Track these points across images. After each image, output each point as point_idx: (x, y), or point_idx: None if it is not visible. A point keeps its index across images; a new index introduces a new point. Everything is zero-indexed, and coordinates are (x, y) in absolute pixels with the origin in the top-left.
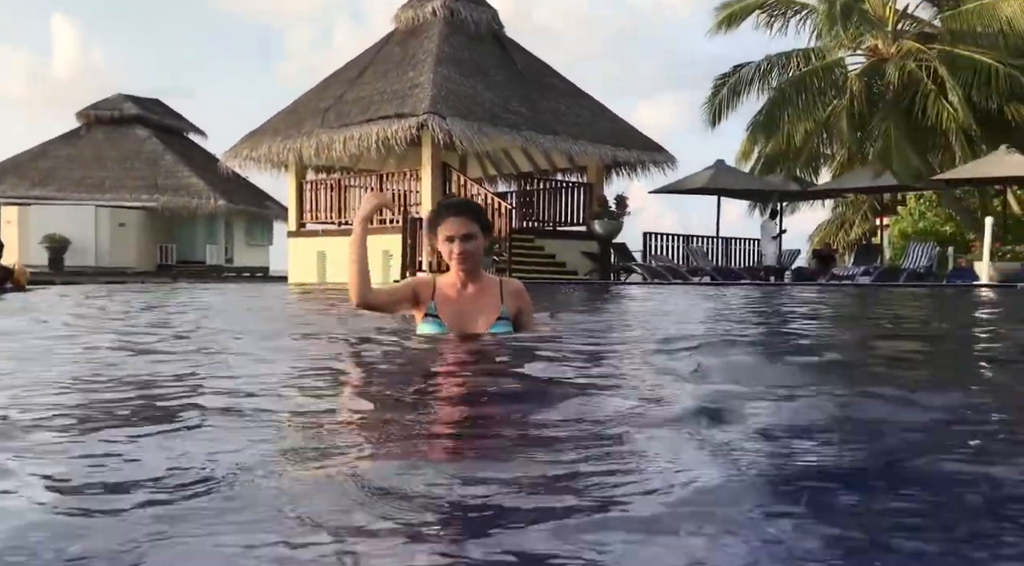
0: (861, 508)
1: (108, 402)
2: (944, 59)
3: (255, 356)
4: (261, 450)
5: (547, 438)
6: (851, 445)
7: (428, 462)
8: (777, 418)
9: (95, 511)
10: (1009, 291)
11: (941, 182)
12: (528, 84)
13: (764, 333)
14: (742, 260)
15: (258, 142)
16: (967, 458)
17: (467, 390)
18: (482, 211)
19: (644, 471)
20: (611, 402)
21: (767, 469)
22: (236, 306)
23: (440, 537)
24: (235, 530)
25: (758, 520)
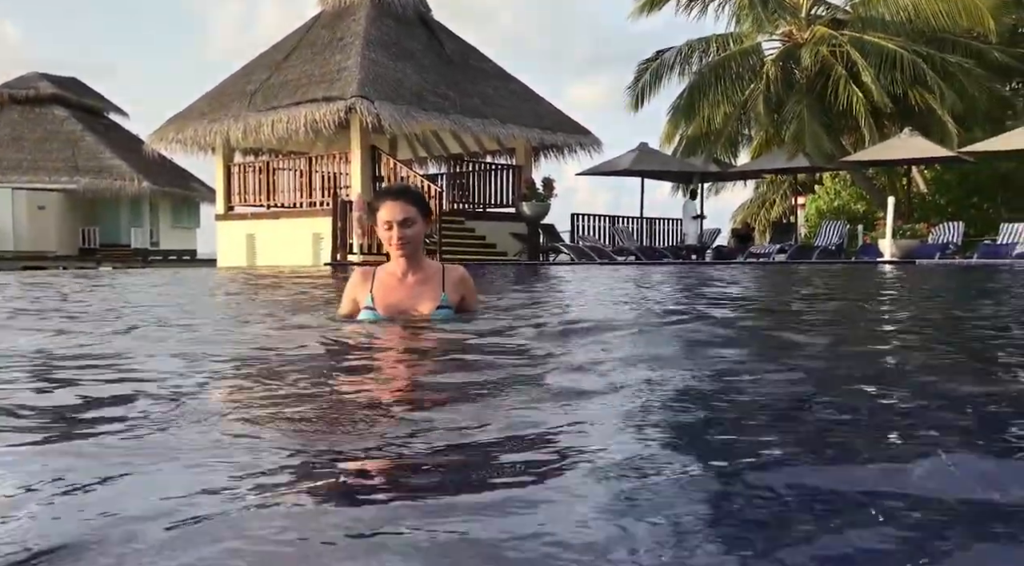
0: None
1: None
2: (854, 45)
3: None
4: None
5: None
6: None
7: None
8: (672, 386)
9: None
10: (905, 266)
11: (850, 163)
12: (456, 68)
13: (673, 310)
14: (666, 240)
15: (184, 125)
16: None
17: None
18: (421, 196)
19: (558, 443)
20: (531, 378)
21: (675, 437)
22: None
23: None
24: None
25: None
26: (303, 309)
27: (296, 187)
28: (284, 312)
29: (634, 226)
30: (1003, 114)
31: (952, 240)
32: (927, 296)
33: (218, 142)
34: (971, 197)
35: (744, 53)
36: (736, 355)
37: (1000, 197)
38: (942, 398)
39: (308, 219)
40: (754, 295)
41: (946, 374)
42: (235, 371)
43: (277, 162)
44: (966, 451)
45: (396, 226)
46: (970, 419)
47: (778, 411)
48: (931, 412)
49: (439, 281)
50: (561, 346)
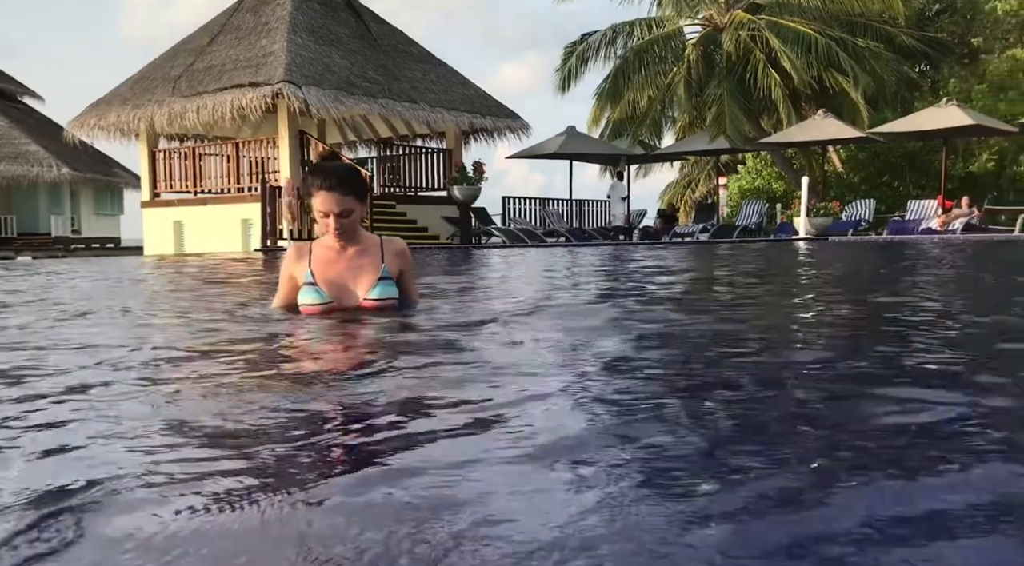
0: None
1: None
2: (772, 29)
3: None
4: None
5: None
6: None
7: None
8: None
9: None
10: (817, 243)
11: (768, 144)
12: (384, 52)
13: (599, 290)
14: (595, 221)
15: (106, 110)
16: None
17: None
18: (357, 179)
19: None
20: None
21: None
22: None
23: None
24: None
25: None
26: (245, 300)
27: (224, 173)
28: (230, 303)
29: (564, 208)
30: (911, 95)
31: (864, 217)
32: (809, 267)
33: (142, 128)
34: (882, 175)
35: (666, 37)
36: (653, 329)
37: (908, 175)
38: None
39: (236, 205)
40: (671, 272)
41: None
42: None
43: (203, 148)
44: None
45: (334, 217)
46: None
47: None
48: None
49: (378, 253)
50: (494, 330)
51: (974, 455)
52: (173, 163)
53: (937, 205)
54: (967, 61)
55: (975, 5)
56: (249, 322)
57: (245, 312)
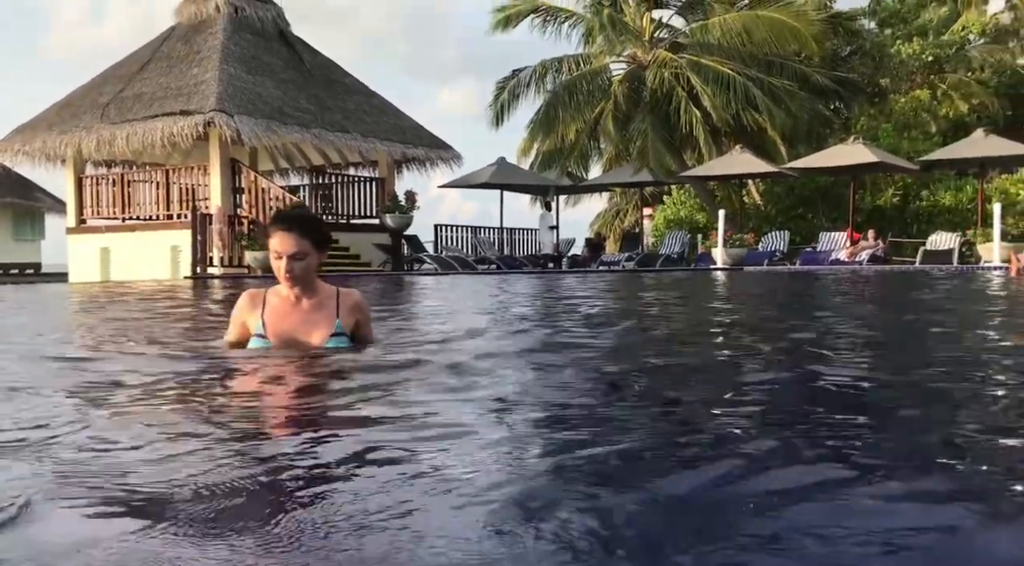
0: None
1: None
2: (692, 68)
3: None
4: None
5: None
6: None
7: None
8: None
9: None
10: (731, 273)
11: (689, 177)
12: (317, 82)
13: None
14: (525, 249)
15: (31, 136)
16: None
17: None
18: (318, 225)
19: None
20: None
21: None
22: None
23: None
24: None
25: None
26: (192, 334)
27: (153, 199)
28: (172, 335)
29: (495, 236)
30: (825, 132)
31: (779, 248)
32: (707, 295)
33: (69, 154)
34: (797, 208)
35: (594, 73)
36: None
37: (821, 208)
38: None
39: (166, 232)
40: (593, 300)
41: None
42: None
43: (132, 174)
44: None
45: (286, 258)
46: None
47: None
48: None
49: (333, 307)
50: (434, 364)
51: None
52: (101, 189)
53: (846, 237)
54: (876, 100)
55: (882, 48)
56: (198, 358)
57: (194, 346)
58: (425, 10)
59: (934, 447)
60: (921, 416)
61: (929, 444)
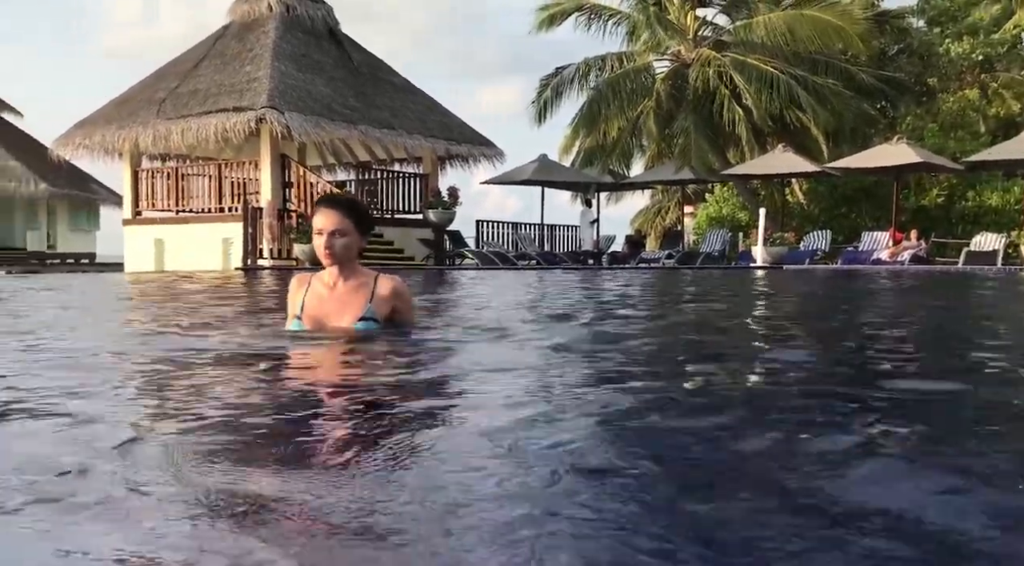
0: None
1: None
2: (736, 66)
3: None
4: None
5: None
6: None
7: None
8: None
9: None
10: (772, 271)
11: (730, 176)
12: (364, 79)
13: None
14: (565, 245)
15: (91, 130)
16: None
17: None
18: (360, 208)
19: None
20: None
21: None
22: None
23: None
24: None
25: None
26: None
27: (206, 193)
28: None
29: (535, 232)
30: (869, 131)
31: (820, 247)
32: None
33: (126, 148)
34: (840, 207)
35: (637, 71)
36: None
37: (864, 207)
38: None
39: (218, 224)
40: (630, 295)
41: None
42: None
43: (186, 168)
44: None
45: (325, 235)
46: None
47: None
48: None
49: (368, 293)
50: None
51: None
52: (156, 182)
53: (889, 237)
54: (924, 99)
55: (931, 47)
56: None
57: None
58: (470, 8)
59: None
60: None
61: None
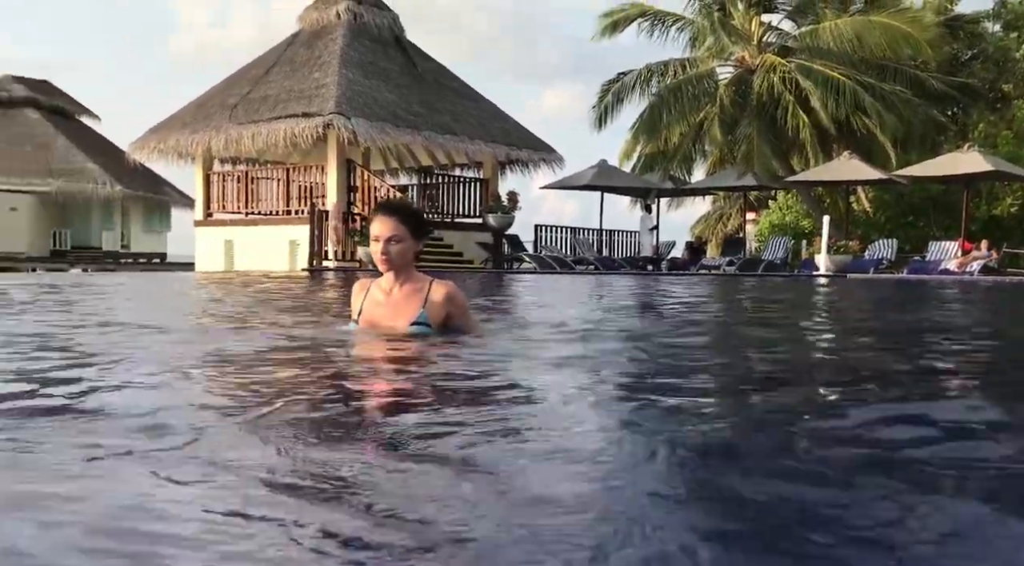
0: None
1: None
2: (801, 72)
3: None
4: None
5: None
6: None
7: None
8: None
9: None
10: (835, 280)
11: (793, 183)
12: (428, 86)
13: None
14: (624, 251)
15: (166, 135)
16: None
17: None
18: (416, 215)
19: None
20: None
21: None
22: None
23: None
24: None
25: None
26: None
27: (274, 196)
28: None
29: (594, 237)
30: (939, 138)
31: (886, 256)
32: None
33: (198, 152)
34: (907, 216)
35: (700, 76)
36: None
37: (933, 216)
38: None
39: (285, 226)
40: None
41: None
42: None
43: (256, 171)
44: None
45: (382, 242)
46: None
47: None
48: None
49: (422, 298)
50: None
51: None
52: (226, 185)
53: (958, 247)
54: (998, 106)
55: (1007, 52)
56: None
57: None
58: (531, 13)
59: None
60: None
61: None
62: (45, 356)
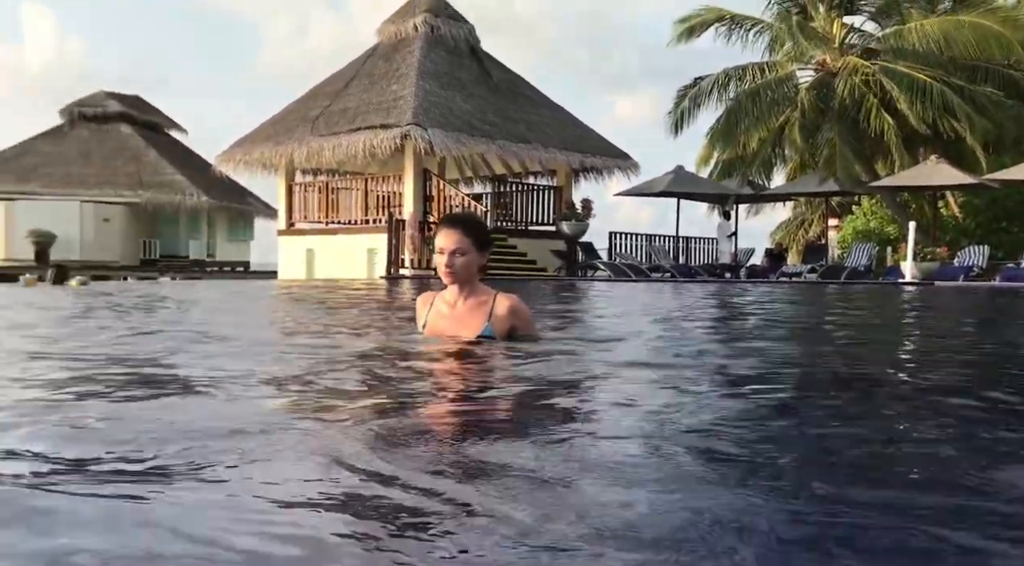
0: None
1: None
2: (885, 74)
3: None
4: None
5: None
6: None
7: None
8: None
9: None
10: (923, 287)
11: (878, 188)
12: (502, 96)
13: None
14: (701, 258)
15: (251, 148)
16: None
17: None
18: (480, 227)
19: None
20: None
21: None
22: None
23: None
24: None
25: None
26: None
27: (353, 205)
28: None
29: (670, 244)
30: None
31: (977, 263)
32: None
33: (281, 163)
34: (1000, 221)
35: (779, 80)
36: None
37: None
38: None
39: (363, 235)
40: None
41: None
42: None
43: (336, 182)
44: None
45: (446, 255)
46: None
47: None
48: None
49: (486, 312)
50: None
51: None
52: (308, 195)
53: None
54: None
55: None
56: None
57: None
58: (606, 19)
59: None
60: None
61: None
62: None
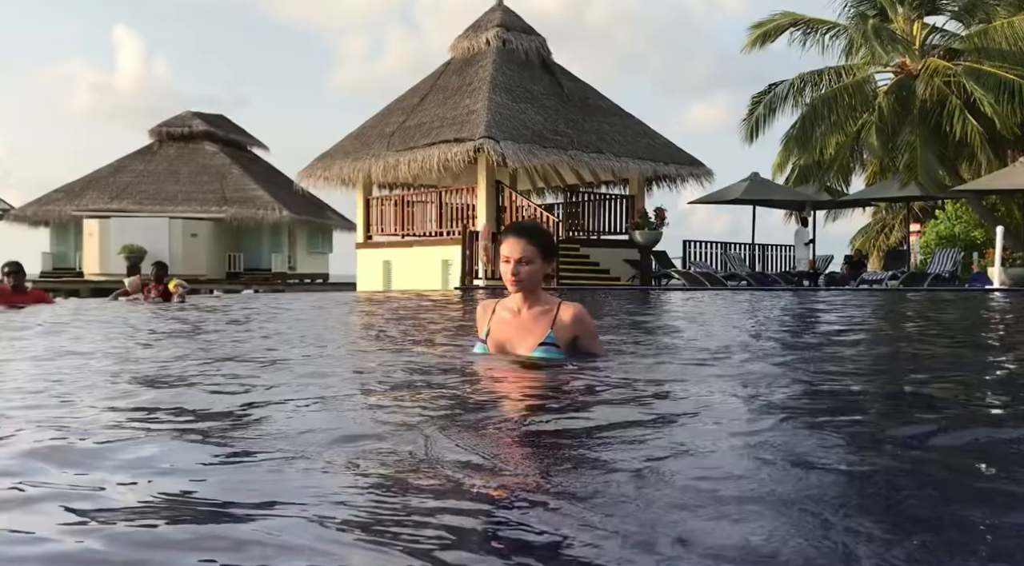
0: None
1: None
2: (970, 75)
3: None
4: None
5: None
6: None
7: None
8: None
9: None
10: (1015, 294)
11: (961, 192)
12: (574, 106)
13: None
14: (778, 265)
15: (330, 163)
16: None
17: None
18: (545, 236)
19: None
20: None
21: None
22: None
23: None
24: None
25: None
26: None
27: (428, 218)
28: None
29: (745, 252)
30: None
31: None
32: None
33: (359, 178)
34: None
35: (857, 84)
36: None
37: None
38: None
39: (438, 247)
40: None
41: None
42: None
43: (411, 195)
44: None
45: (512, 263)
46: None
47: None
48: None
49: (550, 320)
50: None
51: None
52: (384, 209)
53: None
54: None
55: None
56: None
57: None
58: (679, 27)
59: None
60: None
61: None
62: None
